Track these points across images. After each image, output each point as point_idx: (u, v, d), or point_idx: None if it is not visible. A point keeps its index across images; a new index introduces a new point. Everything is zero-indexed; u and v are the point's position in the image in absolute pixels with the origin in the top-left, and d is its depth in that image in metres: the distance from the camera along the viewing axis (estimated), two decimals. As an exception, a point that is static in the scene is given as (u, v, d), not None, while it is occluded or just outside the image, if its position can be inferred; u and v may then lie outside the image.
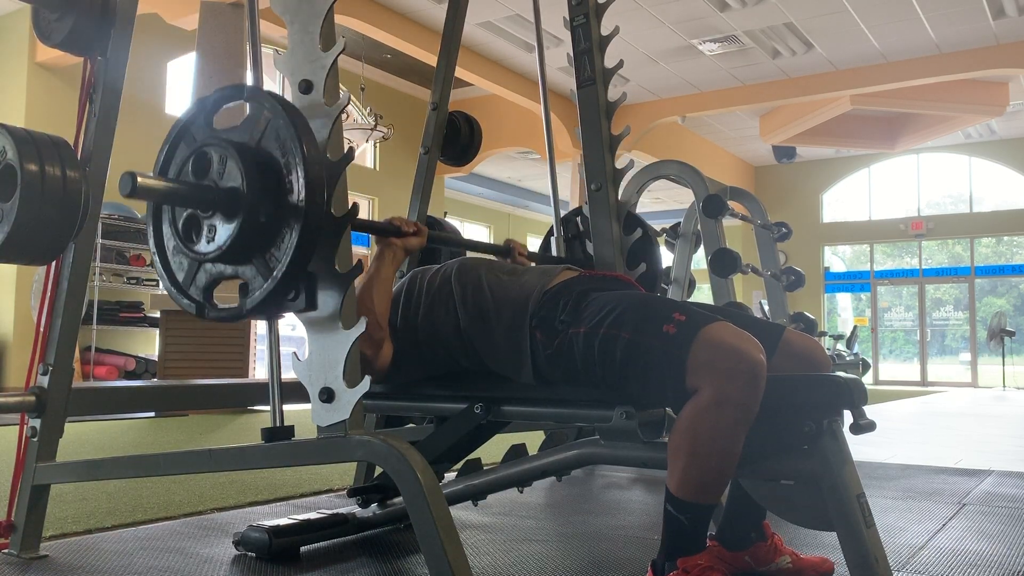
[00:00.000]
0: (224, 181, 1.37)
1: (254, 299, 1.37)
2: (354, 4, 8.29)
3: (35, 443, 1.84)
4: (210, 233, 1.39)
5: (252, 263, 1.38)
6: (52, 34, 1.85)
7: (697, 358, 1.37)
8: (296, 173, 1.33)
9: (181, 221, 1.44)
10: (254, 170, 1.34)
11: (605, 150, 2.39)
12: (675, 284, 4.98)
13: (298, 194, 1.32)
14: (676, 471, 1.40)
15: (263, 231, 1.35)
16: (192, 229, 1.43)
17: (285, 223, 1.34)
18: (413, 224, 1.81)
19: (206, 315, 1.45)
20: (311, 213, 1.32)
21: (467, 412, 1.70)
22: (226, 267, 1.42)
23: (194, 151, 1.42)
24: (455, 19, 2.71)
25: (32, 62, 8.33)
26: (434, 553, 1.28)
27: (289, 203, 1.33)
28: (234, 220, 1.35)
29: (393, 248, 1.76)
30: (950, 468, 3.50)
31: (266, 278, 1.36)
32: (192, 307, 1.46)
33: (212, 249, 1.38)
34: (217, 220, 1.38)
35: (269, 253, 1.36)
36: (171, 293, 1.49)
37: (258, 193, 1.34)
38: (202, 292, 1.45)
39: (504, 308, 1.63)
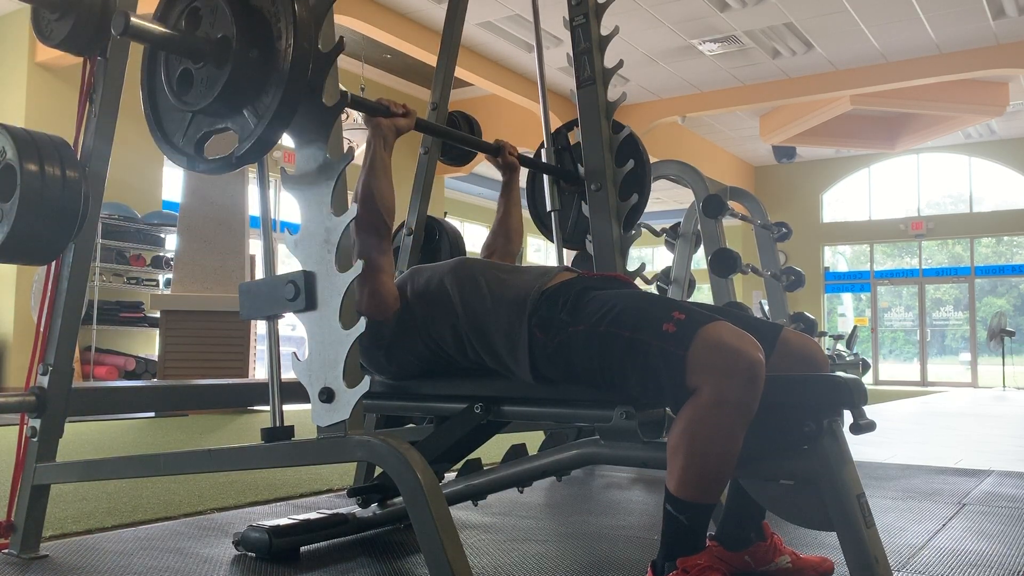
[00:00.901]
0: (215, 32, 1.40)
1: (244, 146, 1.40)
2: (354, 4, 8.29)
3: (35, 443, 1.84)
4: (202, 84, 1.42)
5: (242, 113, 1.41)
6: (52, 34, 1.85)
7: (696, 357, 1.37)
8: (284, 19, 1.35)
9: (175, 76, 1.46)
10: (245, 21, 1.37)
11: (605, 150, 2.39)
12: (675, 284, 4.98)
13: (285, 39, 1.35)
14: (675, 471, 1.40)
15: (252, 80, 1.38)
16: (185, 82, 1.45)
17: (274, 70, 1.37)
18: (402, 105, 1.80)
19: (197, 167, 1.48)
20: (298, 57, 1.34)
21: (467, 412, 1.70)
22: (217, 118, 1.44)
23: (189, 4, 1.44)
24: (455, 19, 2.71)
25: (32, 62, 8.33)
26: (434, 553, 1.28)
27: (277, 50, 1.36)
28: (224, 69, 1.37)
29: (382, 130, 1.74)
30: (950, 468, 3.50)
31: (255, 125, 1.39)
32: (184, 160, 1.49)
33: (203, 100, 1.40)
34: (208, 71, 1.40)
35: (259, 101, 1.39)
36: (163, 149, 1.52)
37: (247, 43, 1.36)
38: (193, 145, 1.48)
39: (502, 307, 1.63)
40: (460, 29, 2.72)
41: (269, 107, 1.37)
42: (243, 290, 1.55)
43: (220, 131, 1.47)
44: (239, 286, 1.57)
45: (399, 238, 2.61)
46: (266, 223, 1.57)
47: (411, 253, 2.54)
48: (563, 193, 2.61)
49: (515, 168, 2.29)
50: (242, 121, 1.41)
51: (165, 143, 1.51)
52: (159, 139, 1.52)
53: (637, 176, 2.47)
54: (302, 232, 1.48)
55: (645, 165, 2.55)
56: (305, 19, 1.36)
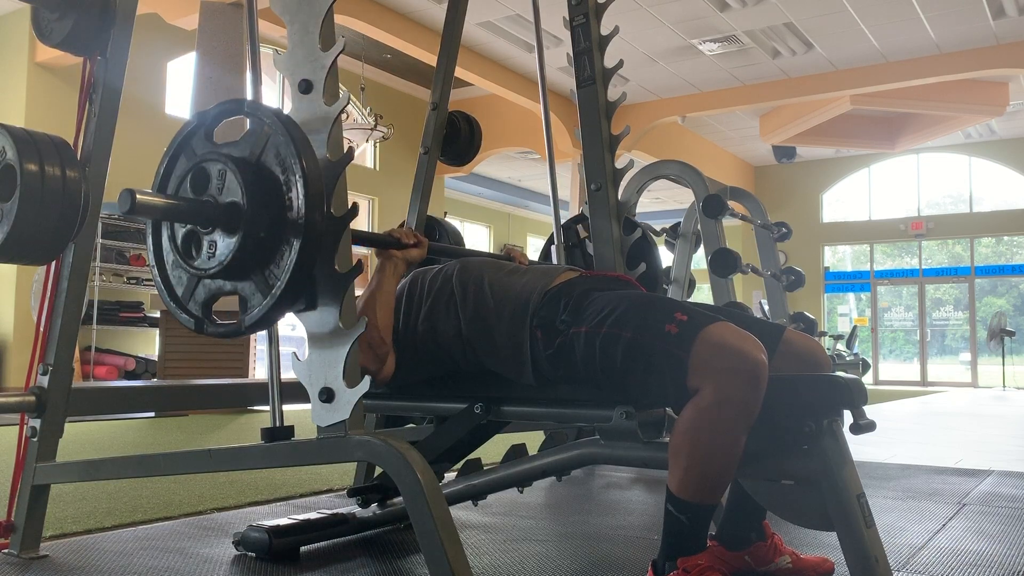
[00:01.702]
0: (224, 196, 1.37)
1: (253, 316, 1.37)
2: (354, 4, 8.29)
3: (35, 443, 1.84)
4: (210, 249, 1.39)
5: (251, 279, 1.38)
6: (52, 34, 1.85)
7: (698, 358, 1.37)
8: (296, 190, 1.32)
9: (180, 236, 1.44)
10: (254, 186, 1.34)
11: (605, 150, 2.39)
12: (675, 284, 4.98)
13: (298, 211, 1.32)
14: (677, 471, 1.40)
15: (262, 248, 1.35)
16: (191, 244, 1.43)
17: (284, 240, 1.34)
18: (413, 235, 1.81)
19: (205, 330, 1.45)
20: (310, 230, 1.32)
21: (467, 412, 1.70)
22: (225, 283, 1.42)
23: (194, 166, 1.42)
24: (455, 19, 2.71)
25: (32, 62, 8.33)
26: (434, 553, 1.28)
27: (289, 219, 1.33)
28: (234, 236, 1.35)
29: (394, 261, 1.77)
30: (950, 468, 3.50)
31: (265, 295, 1.36)
32: (191, 322, 1.45)
33: (211, 265, 1.38)
34: (217, 236, 1.38)
35: (268, 270, 1.36)
36: (170, 308, 1.49)
37: (258, 209, 1.34)
38: (201, 307, 1.45)
39: (504, 308, 1.63)
40: (460, 29, 2.72)
41: (280, 280, 1.34)
42: (243, 290, 1.55)
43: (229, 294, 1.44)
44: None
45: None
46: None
47: (411, 253, 2.54)
48: None
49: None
50: (251, 288, 1.38)
51: (172, 302, 1.48)
52: (165, 297, 1.49)
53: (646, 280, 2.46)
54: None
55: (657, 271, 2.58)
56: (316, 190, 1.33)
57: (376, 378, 1.70)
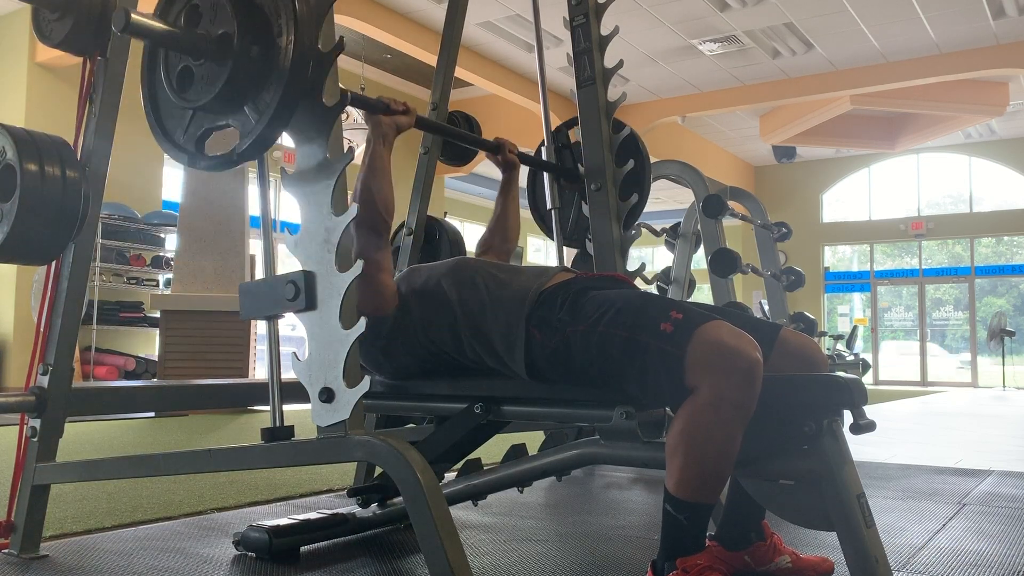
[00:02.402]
0: (216, 29, 1.39)
1: (245, 142, 1.40)
2: (354, 4, 8.29)
3: (35, 443, 1.84)
4: (202, 81, 1.41)
5: (243, 110, 1.41)
6: (52, 34, 1.85)
7: (694, 357, 1.37)
8: (285, 16, 1.35)
9: (175, 73, 1.45)
10: (245, 17, 1.37)
11: (605, 150, 2.39)
12: (675, 284, 4.98)
13: (286, 36, 1.35)
14: (674, 470, 1.40)
15: (253, 77, 1.38)
16: (185, 79, 1.44)
17: (275, 67, 1.36)
18: (402, 103, 1.80)
19: (198, 164, 1.48)
20: (299, 58, 1.34)
21: (467, 412, 1.70)
22: (218, 116, 1.44)
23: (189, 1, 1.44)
24: (455, 19, 2.71)
25: (32, 62, 8.33)
26: (434, 553, 1.28)
27: (278, 47, 1.36)
28: (225, 65, 1.37)
29: (382, 128, 1.74)
30: (950, 468, 3.50)
31: (256, 121, 1.39)
32: (184, 157, 1.48)
33: (204, 96, 1.40)
34: (209, 68, 1.40)
35: (259, 98, 1.39)
36: (164, 146, 1.51)
37: (248, 39, 1.36)
38: (194, 143, 1.48)
39: (500, 306, 1.63)
40: (460, 29, 2.72)
41: (269, 104, 1.37)
42: (243, 290, 1.55)
43: (221, 128, 1.47)
44: (239, 286, 1.57)
45: (399, 238, 2.61)
46: (266, 223, 1.57)
47: (411, 253, 2.54)
48: (563, 191, 2.61)
49: (515, 166, 2.28)
50: (243, 118, 1.41)
51: (166, 140, 1.51)
52: (160, 136, 1.52)
53: (637, 175, 2.47)
54: (302, 232, 1.48)
55: (645, 164, 2.55)
56: (306, 17, 1.36)
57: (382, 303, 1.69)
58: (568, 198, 2.63)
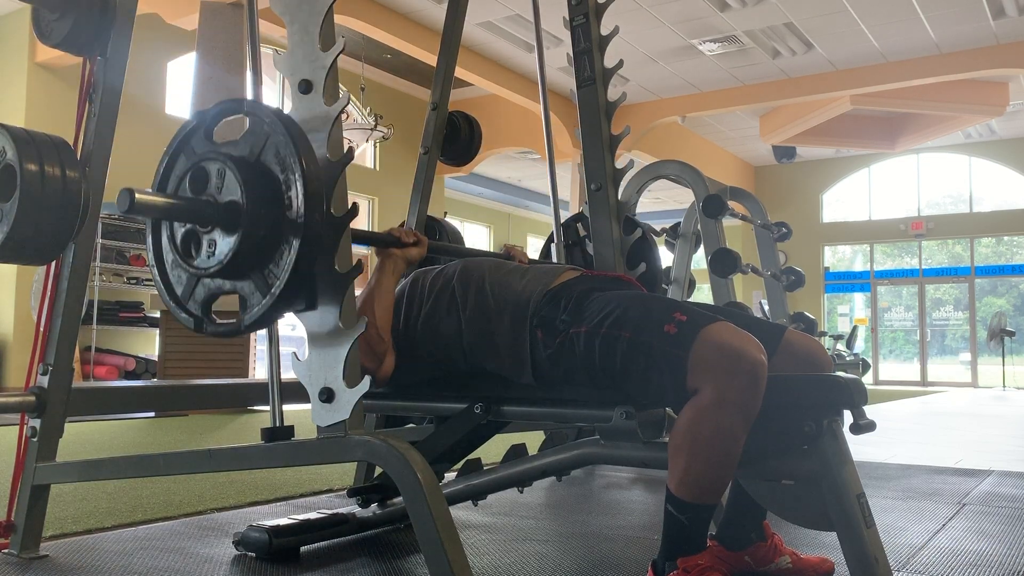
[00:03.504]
0: (223, 196, 1.37)
1: (252, 315, 1.37)
2: (354, 4, 8.29)
3: (35, 443, 1.84)
4: (209, 248, 1.39)
5: (250, 279, 1.38)
6: (52, 34, 1.85)
7: (698, 358, 1.37)
8: (295, 189, 1.32)
9: (180, 236, 1.44)
10: (253, 185, 1.34)
11: (605, 150, 2.39)
12: (675, 284, 4.98)
13: (297, 210, 1.32)
14: (676, 471, 1.40)
15: (262, 247, 1.35)
16: (191, 243, 1.43)
17: (284, 239, 1.34)
18: (413, 234, 1.82)
19: (204, 330, 1.45)
20: (310, 230, 1.32)
21: (467, 412, 1.70)
22: (224, 282, 1.41)
23: (193, 165, 1.42)
24: (455, 19, 2.71)
25: (32, 62, 8.33)
26: (434, 553, 1.28)
27: (288, 219, 1.33)
28: (233, 235, 1.35)
29: (394, 259, 1.78)
30: (950, 468, 3.50)
31: (264, 294, 1.36)
32: (190, 321, 1.46)
33: (211, 264, 1.38)
34: (216, 235, 1.38)
35: (267, 269, 1.36)
36: (170, 307, 1.49)
37: (257, 208, 1.33)
38: (200, 306, 1.45)
39: (505, 308, 1.63)
40: (460, 29, 2.72)
41: (279, 279, 1.33)
42: (243, 291, 1.55)
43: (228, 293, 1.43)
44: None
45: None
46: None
47: (411, 253, 2.54)
48: None
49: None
50: (250, 287, 1.38)
51: (172, 302, 1.48)
52: (165, 296, 1.48)
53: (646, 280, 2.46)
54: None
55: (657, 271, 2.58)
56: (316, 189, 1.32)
57: (375, 377, 1.70)
58: None
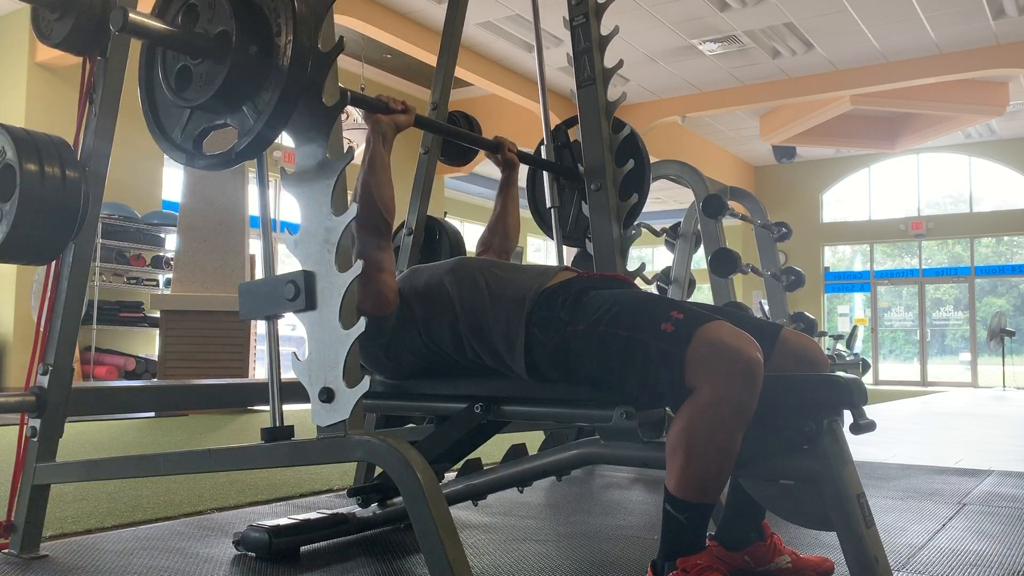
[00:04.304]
0: (214, 28, 1.38)
1: (244, 142, 1.39)
2: (354, 4, 8.29)
3: (35, 443, 1.84)
4: (201, 80, 1.40)
5: (242, 109, 1.40)
6: (52, 34, 1.85)
7: (695, 357, 1.37)
8: (284, 16, 1.34)
9: (173, 72, 1.45)
10: (244, 15, 1.36)
11: (605, 150, 2.39)
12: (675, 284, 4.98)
13: (285, 35, 1.34)
14: (674, 470, 1.40)
15: (252, 76, 1.37)
16: (184, 78, 1.43)
17: (273, 65, 1.36)
18: (401, 102, 1.80)
19: (196, 163, 1.46)
20: (298, 54, 1.33)
21: (467, 412, 1.70)
22: (216, 114, 1.43)
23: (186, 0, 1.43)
24: (455, 19, 2.71)
25: (32, 62, 8.33)
26: (434, 553, 1.28)
27: (276, 45, 1.35)
28: (223, 64, 1.36)
29: (381, 126, 1.75)
30: (950, 468, 3.50)
31: (255, 120, 1.38)
32: (182, 156, 1.47)
33: (202, 95, 1.39)
34: (207, 67, 1.39)
35: (258, 97, 1.38)
36: (162, 145, 1.50)
37: (246, 36, 1.35)
38: (192, 141, 1.47)
39: (500, 306, 1.63)
40: (460, 29, 2.72)
41: (268, 104, 1.36)
42: (243, 290, 1.55)
43: (219, 127, 1.46)
44: (239, 286, 1.57)
45: (399, 238, 2.61)
46: (266, 223, 1.57)
47: (411, 253, 2.54)
48: (563, 190, 2.61)
49: (514, 165, 2.29)
50: (241, 117, 1.41)
51: (163, 139, 1.50)
52: (157, 135, 1.51)
53: (636, 175, 2.47)
54: (302, 232, 1.48)
55: (645, 164, 2.55)
56: (305, 16, 1.35)
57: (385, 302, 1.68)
58: (568, 197, 2.64)
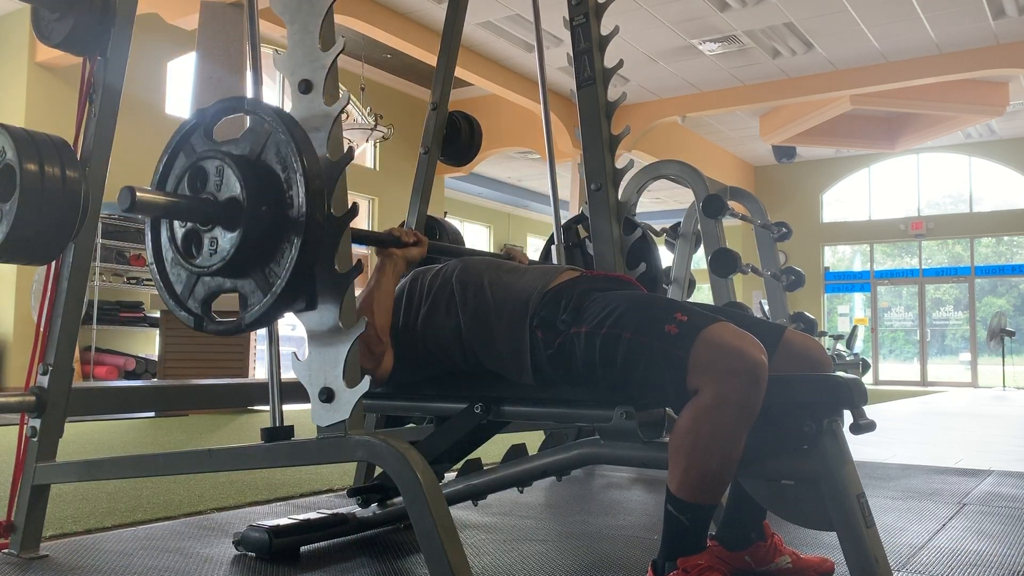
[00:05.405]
0: (223, 194, 1.36)
1: (253, 314, 1.37)
2: (354, 4, 8.29)
3: (35, 443, 1.84)
4: (210, 246, 1.39)
5: (251, 277, 1.38)
6: (52, 34, 1.85)
7: (698, 358, 1.37)
8: (296, 187, 1.32)
9: (180, 235, 1.43)
10: (254, 183, 1.34)
11: (605, 150, 2.39)
12: (675, 284, 4.98)
13: (298, 209, 1.32)
14: (677, 471, 1.40)
15: (263, 245, 1.35)
16: (191, 242, 1.42)
17: (285, 238, 1.34)
18: (413, 234, 1.82)
19: (204, 328, 1.44)
20: (311, 229, 1.31)
21: (467, 412, 1.70)
22: (225, 280, 1.41)
23: (193, 163, 1.42)
24: (455, 19, 2.71)
25: (32, 62, 8.33)
26: (434, 553, 1.28)
27: (289, 217, 1.33)
28: (234, 233, 1.34)
29: (394, 259, 1.78)
30: (950, 468, 3.50)
31: (265, 292, 1.36)
32: (191, 320, 1.45)
33: (211, 263, 1.38)
34: (216, 233, 1.37)
35: (268, 268, 1.36)
36: (170, 306, 1.49)
37: (258, 207, 1.33)
38: (200, 305, 1.45)
39: (504, 308, 1.63)
40: (460, 29, 2.72)
41: (281, 277, 1.33)
42: (243, 290, 1.55)
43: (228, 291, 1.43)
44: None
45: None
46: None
47: (411, 253, 2.54)
48: None
49: None
50: (251, 286, 1.38)
51: (172, 299, 1.47)
52: (165, 295, 1.48)
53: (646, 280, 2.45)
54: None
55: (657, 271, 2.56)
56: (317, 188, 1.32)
57: (374, 376, 1.70)
58: None
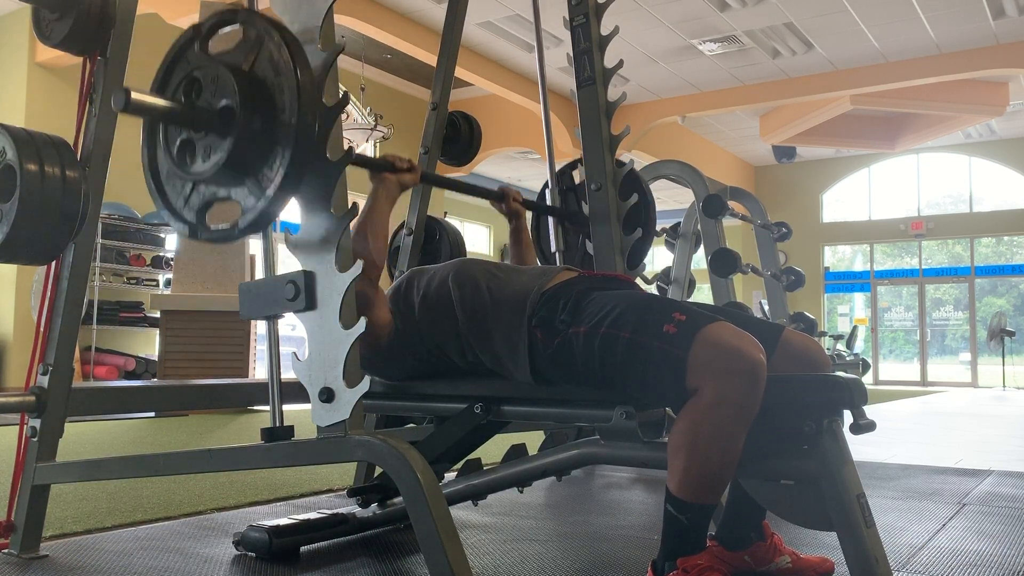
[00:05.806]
0: (217, 102, 1.37)
1: (247, 219, 1.38)
2: (354, 4, 8.29)
3: (35, 443, 1.84)
4: (204, 154, 1.39)
5: (245, 184, 1.39)
6: (52, 34, 1.85)
7: (697, 358, 1.37)
8: (288, 93, 1.33)
9: (176, 145, 1.44)
10: (247, 91, 1.35)
11: (605, 150, 2.39)
12: (675, 284, 4.98)
13: (290, 114, 1.33)
14: (676, 471, 1.40)
15: (255, 151, 1.36)
16: (186, 151, 1.42)
17: (277, 143, 1.34)
18: (407, 160, 1.81)
19: (199, 236, 1.45)
20: (302, 132, 1.32)
21: (467, 412, 1.70)
22: (219, 188, 1.42)
23: (189, 73, 1.42)
24: (455, 19, 2.71)
25: (32, 62, 8.33)
26: (434, 553, 1.28)
27: (281, 122, 1.34)
28: (227, 140, 1.35)
29: (387, 183, 1.76)
30: (950, 468, 3.50)
31: (258, 198, 1.37)
32: (186, 229, 1.46)
33: (205, 169, 1.38)
34: (210, 141, 1.38)
35: (261, 173, 1.37)
36: (164, 216, 1.49)
37: (251, 113, 1.34)
38: (195, 214, 1.45)
39: (502, 308, 1.63)
40: (460, 29, 2.72)
41: (273, 181, 1.34)
42: (243, 290, 1.55)
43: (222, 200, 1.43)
44: (239, 286, 1.57)
45: (399, 238, 2.61)
46: (266, 223, 1.57)
47: (411, 253, 2.54)
48: (568, 234, 2.60)
49: (520, 215, 2.29)
50: (244, 192, 1.38)
51: (166, 209, 1.47)
52: (160, 204, 1.48)
53: (640, 212, 2.46)
54: (302, 232, 1.48)
55: (649, 203, 2.55)
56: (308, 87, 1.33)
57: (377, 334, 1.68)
58: (572, 240, 2.62)
